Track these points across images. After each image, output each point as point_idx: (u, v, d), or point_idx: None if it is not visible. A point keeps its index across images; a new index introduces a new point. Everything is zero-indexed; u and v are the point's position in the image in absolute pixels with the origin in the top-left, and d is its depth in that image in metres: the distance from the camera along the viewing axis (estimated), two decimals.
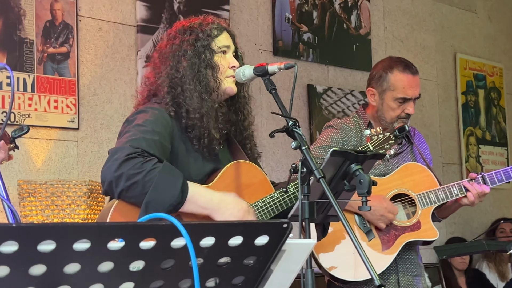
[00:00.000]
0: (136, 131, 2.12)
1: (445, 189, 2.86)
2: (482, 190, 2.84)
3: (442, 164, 5.86)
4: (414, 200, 2.87)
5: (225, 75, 2.29)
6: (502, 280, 5.63)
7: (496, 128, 6.37)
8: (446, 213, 3.00)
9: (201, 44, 2.26)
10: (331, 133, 2.95)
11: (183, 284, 1.11)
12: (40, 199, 3.21)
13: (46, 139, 3.68)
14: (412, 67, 2.96)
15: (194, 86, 2.22)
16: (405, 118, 2.91)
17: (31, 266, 0.95)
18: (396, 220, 2.83)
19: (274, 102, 5.11)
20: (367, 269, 1.71)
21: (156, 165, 2.04)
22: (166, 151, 2.16)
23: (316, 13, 5.04)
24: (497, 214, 6.18)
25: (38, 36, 3.69)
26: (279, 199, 2.28)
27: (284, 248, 1.15)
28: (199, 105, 2.21)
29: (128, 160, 2.02)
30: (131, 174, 2.00)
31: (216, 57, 2.28)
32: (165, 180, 2.02)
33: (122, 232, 1.00)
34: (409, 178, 2.89)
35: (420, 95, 2.96)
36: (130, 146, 2.05)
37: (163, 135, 2.16)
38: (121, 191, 2.03)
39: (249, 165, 2.33)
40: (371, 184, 1.88)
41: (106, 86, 3.94)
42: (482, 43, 6.37)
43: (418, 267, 2.97)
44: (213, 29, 2.29)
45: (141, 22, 4.10)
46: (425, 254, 5.60)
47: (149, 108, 2.23)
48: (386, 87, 2.92)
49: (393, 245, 2.82)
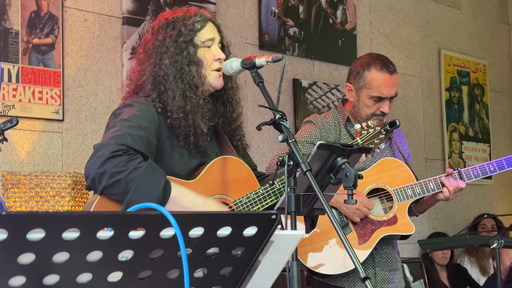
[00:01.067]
0: (122, 126, 2.10)
1: (422, 184, 2.88)
2: (458, 185, 2.86)
3: (425, 160, 5.90)
4: (391, 195, 2.89)
5: (210, 69, 2.27)
6: (483, 275, 5.68)
7: (479, 125, 6.42)
8: (423, 207, 3.02)
9: (183, 39, 2.23)
10: (310, 128, 2.96)
11: (171, 274, 1.11)
12: (24, 190, 3.19)
13: (30, 130, 3.66)
14: (390, 66, 2.93)
15: (176, 84, 2.19)
16: (380, 116, 2.92)
17: (20, 254, 0.95)
18: (373, 214, 2.85)
19: (259, 96, 5.12)
20: (352, 262, 1.72)
21: (140, 164, 2.03)
22: (152, 146, 2.15)
23: (302, 8, 5.05)
24: (479, 210, 6.23)
25: (23, 27, 3.67)
26: (263, 194, 2.28)
27: (272, 239, 1.16)
28: (183, 104, 2.19)
29: (112, 158, 2.01)
30: (114, 172, 2.00)
31: (199, 52, 2.25)
32: (148, 181, 2.02)
33: (112, 221, 1.00)
34: (386, 173, 2.91)
35: (397, 94, 2.96)
36: (115, 142, 2.04)
37: (149, 130, 2.15)
38: (103, 188, 2.03)
39: (235, 161, 2.32)
40: (357, 178, 1.89)
41: (91, 77, 3.92)
42: (466, 40, 6.42)
43: (395, 262, 2.99)
44: (196, 22, 2.26)
45: (127, 14, 4.08)
46: (407, 248, 5.64)
47: (136, 103, 2.21)
48: (363, 85, 2.92)
49: (369, 239, 2.83)
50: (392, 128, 2.53)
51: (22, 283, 0.97)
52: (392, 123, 2.54)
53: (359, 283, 2.85)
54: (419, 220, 5.79)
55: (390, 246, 2.98)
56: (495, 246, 3.42)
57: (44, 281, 0.99)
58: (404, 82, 5.81)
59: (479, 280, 5.65)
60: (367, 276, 1.68)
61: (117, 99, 3.95)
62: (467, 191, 6.24)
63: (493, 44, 6.69)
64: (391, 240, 2.98)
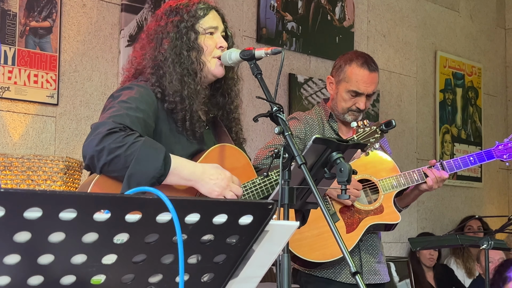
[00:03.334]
0: (120, 107, 2.10)
1: (406, 175, 2.95)
2: (441, 175, 2.93)
3: (417, 160, 5.92)
4: (376, 187, 2.95)
5: (211, 56, 2.26)
6: (469, 277, 5.71)
7: (472, 127, 6.44)
8: (406, 201, 3.08)
9: (185, 25, 2.23)
10: (294, 124, 3.01)
11: (165, 259, 1.11)
12: (16, 173, 3.18)
13: (24, 113, 3.65)
14: (371, 64, 2.99)
15: (174, 69, 2.20)
16: (356, 112, 2.98)
17: (16, 232, 0.95)
18: (359, 204, 2.91)
19: (254, 89, 5.12)
20: (343, 255, 1.73)
21: (138, 138, 2.02)
22: (149, 129, 2.15)
23: (301, 3, 5.05)
24: (468, 212, 6.26)
25: (21, 9, 3.65)
26: (260, 185, 2.28)
27: (267, 229, 1.16)
28: (180, 88, 2.19)
29: (110, 134, 2.00)
30: (113, 148, 1.99)
31: (200, 38, 2.25)
32: (148, 153, 2.01)
33: (109, 203, 0.99)
34: (371, 165, 2.98)
35: (374, 93, 3.02)
36: (113, 121, 2.03)
37: (147, 113, 2.14)
38: (103, 165, 2.01)
39: (234, 149, 2.32)
40: (351, 173, 1.90)
41: (87, 63, 3.91)
42: (462, 42, 6.43)
43: (381, 254, 3.06)
44: (199, 9, 2.26)
45: (125, 1, 4.07)
46: (395, 247, 5.67)
47: (135, 85, 2.21)
48: (342, 78, 2.99)
49: (357, 228, 2.90)
50: (387, 128, 2.57)
51: (17, 261, 0.97)
52: (387, 123, 2.58)
53: (344, 273, 2.90)
54: (408, 220, 5.83)
55: (375, 238, 3.05)
56: (485, 247, 3.44)
57: (39, 260, 0.99)
58: (399, 81, 5.82)
59: (465, 282, 5.68)
60: (357, 271, 1.69)
61: (113, 85, 3.94)
62: (457, 193, 6.27)
63: (489, 48, 6.71)
64: (376, 232, 3.03)
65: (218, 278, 1.18)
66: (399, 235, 5.66)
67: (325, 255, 2.82)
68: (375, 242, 3.02)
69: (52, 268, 1.00)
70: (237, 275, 1.20)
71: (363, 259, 2.96)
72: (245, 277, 1.21)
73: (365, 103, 2.97)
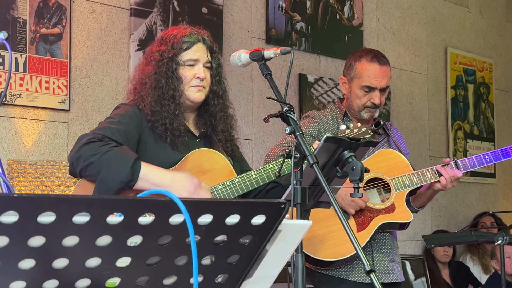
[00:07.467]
0: (104, 122, 2.37)
1: (419, 174, 2.92)
2: (454, 174, 2.90)
3: (430, 157, 5.90)
4: (388, 186, 2.92)
5: (188, 85, 2.44)
6: (485, 273, 5.68)
7: (484, 123, 6.41)
8: (421, 201, 3.04)
9: (167, 55, 2.43)
10: (308, 122, 3.01)
11: (179, 261, 1.11)
12: (30, 179, 3.20)
13: (36, 120, 3.67)
14: (381, 58, 3.00)
15: (152, 93, 2.41)
16: (372, 107, 2.97)
17: (31, 237, 0.95)
18: (371, 202, 2.89)
19: (265, 90, 5.11)
20: (357, 253, 1.73)
21: (112, 148, 2.23)
22: (130, 139, 2.35)
23: (310, 3, 5.04)
24: (482, 208, 6.23)
25: (31, 16, 3.67)
26: (239, 182, 2.40)
27: (280, 229, 1.16)
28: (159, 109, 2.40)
29: (88, 143, 2.24)
30: (88, 156, 2.22)
31: (180, 69, 2.43)
32: (117, 160, 2.21)
33: (122, 206, 1.00)
34: (383, 163, 2.96)
35: (388, 87, 3.01)
36: (93, 133, 2.29)
37: (129, 125, 2.36)
38: (80, 171, 2.25)
39: (213, 153, 2.45)
40: (363, 171, 1.90)
41: (98, 68, 3.93)
42: (473, 38, 6.40)
43: (394, 254, 3.02)
44: (183, 42, 2.44)
45: (134, 5, 4.08)
46: (410, 245, 5.65)
47: (122, 105, 2.47)
48: (354, 75, 2.99)
49: (368, 226, 2.88)
50: (377, 128, 2.61)
51: (32, 266, 0.98)
52: (377, 123, 2.65)
53: (356, 272, 2.89)
54: (422, 218, 5.81)
55: (389, 237, 3.01)
56: (500, 242, 3.42)
57: (54, 264, 1.00)
58: (410, 79, 5.81)
59: (481, 278, 5.65)
60: (372, 269, 1.69)
61: (123, 90, 3.96)
62: (471, 189, 6.24)
63: (499, 43, 6.67)
64: (391, 231, 3.00)
65: (232, 278, 1.18)
66: (413, 233, 5.64)
67: (335, 254, 2.81)
68: (388, 241, 2.99)
69: (67, 272, 1.01)
70: (251, 276, 1.20)
71: (376, 257, 2.94)
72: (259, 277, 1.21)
73: (380, 98, 2.96)
